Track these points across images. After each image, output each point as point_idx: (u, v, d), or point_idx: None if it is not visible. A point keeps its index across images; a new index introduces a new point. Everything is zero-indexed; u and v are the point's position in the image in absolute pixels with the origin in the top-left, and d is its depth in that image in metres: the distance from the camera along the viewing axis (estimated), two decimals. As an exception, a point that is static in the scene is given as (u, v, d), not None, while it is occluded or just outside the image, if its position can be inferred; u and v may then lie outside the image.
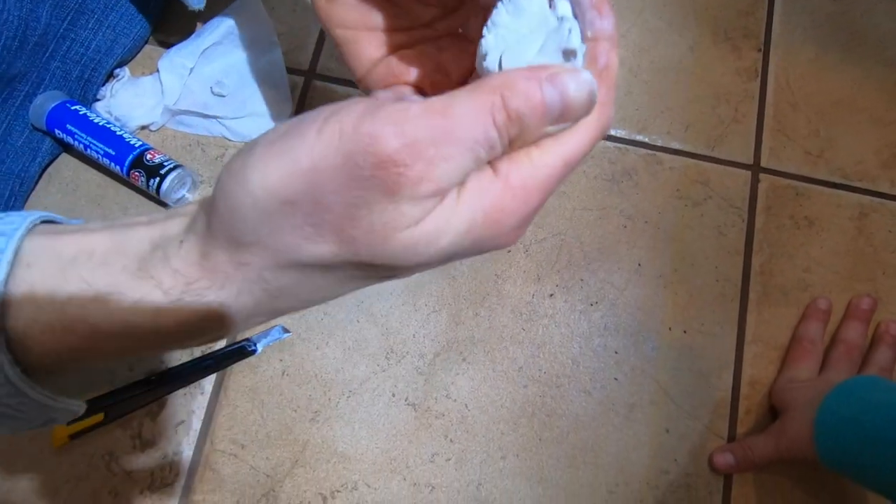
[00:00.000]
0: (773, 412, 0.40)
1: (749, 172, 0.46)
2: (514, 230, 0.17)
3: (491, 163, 0.16)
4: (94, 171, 0.43)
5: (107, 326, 0.17)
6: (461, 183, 0.16)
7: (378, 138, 0.14)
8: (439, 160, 0.14)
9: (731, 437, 0.40)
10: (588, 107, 0.16)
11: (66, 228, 0.18)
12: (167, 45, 0.45)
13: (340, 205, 0.15)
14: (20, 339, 0.17)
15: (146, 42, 0.46)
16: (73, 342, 0.17)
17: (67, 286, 0.17)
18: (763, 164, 0.46)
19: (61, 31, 0.41)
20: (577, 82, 0.16)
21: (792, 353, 0.41)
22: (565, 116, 0.16)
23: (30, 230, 0.17)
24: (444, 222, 0.15)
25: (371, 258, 0.15)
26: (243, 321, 0.18)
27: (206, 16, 0.45)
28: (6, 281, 0.16)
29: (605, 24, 0.17)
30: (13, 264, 0.16)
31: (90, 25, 0.42)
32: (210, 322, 0.17)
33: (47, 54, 0.41)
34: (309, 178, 0.15)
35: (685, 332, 0.42)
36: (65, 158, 0.43)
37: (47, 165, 0.43)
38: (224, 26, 0.44)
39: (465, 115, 0.15)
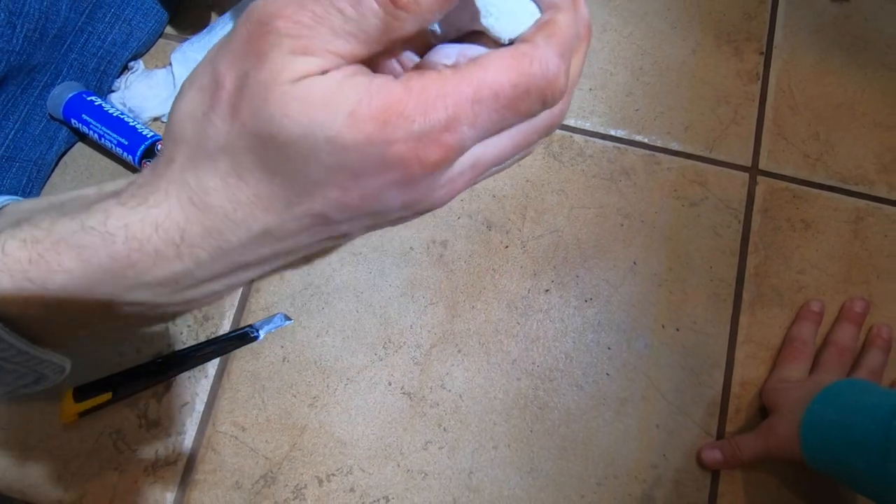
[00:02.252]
0: (763, 411, 0.41)
1: (747, 174, 0.46)
2: (411, 141, 0.15)
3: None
4: (108, 160, 0.44)
5: (66, 251, 0.18)
6: (351, 59, 0.16)
7: (252, 8, 0.15)
8: (303, 14, 0.15)
9: (721, 435, 0.41)
10: None
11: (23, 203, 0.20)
12: (180, 39, 0.47)
13: (231, 79, 0.16)
14: None
15: (160, 35, 0.47)
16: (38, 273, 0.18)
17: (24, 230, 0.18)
18: (761, 166, 0.46)
19: (79, 24, 0.43)
20: None
21: (784, 354, 0.41)
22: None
23: None
24: (324, 97, 0.15)
25: (255, 129, 0.16)
26: (186, 246, 0.18)
27: (219, 10, 0.47)
28: None
29: None
30: None
31: (107, 19, 0.44)
32: (155, 241, 0.18)
33: (65, 46, 0.43)
34: (211, 61, 0.16)
35: (678, 330, 0.43)
36: (80, 147, 0.45)
37: (63, 153, 0.44)
38: (237, 20, 0.45)
39: None
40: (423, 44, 0.19)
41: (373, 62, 0.18)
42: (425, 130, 0.15)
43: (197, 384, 0.40)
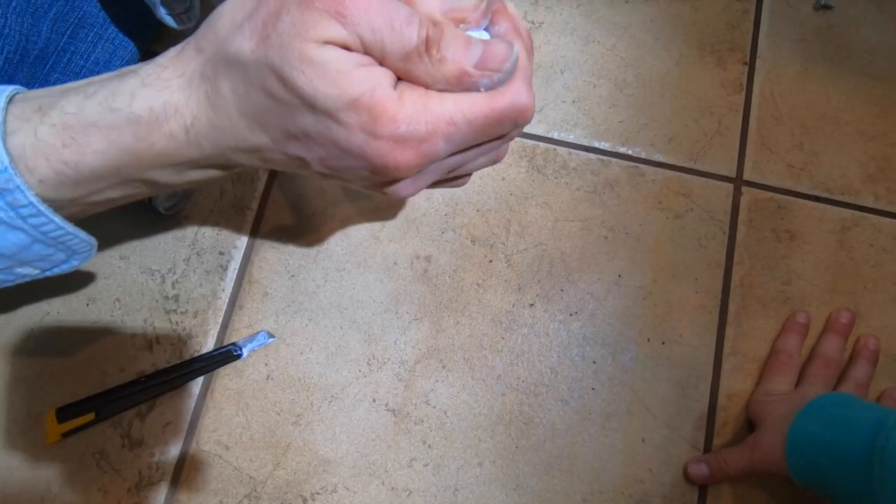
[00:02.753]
0: (749, 425, 0.41)
1: (731, 185, 0.46)
2: (389, 141, 0.19)
3: (399, 81, 0.19)
4: (92, 179, 0.45)
5: (95, 121, 0.20)
6: (368, 54, 0.19)
7: None
8: (355, 5, 0.18)
9: (707, 449, 0.41)
10: (501, 61, 0.19)
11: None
12: (164, 58, 0.47)
13: (271, 5, 0.18)
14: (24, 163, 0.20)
15: (144, 54, 0.47)
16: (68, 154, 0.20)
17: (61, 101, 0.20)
18: (746, 177, 0.46)
19: (61, 44, 0.43)
20: (506, 46, 0.20)
21: (769, 366, 0.41)
22: (483, 62, 0.19)
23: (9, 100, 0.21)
24: (342, 72, 0.18)
25: (277, 61, 0.18)
26: (193, 133, 0.20)
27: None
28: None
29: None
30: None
31: (90, 38, 0.44)
32: (171, 124, 0.20)
33: (48, 66, 0.43)
34: None
35: (664, 343, 0.42)
36: (64, 166, 0.45)
37: (47, 173, 0.44)
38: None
39: (395, 3, 0.18)
40: None
41: None
42: (406, 136, 0.19)
43: (181, 403, 0.40)
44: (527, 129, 0.46)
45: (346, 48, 0.18)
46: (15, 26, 0.38)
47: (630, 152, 0.46)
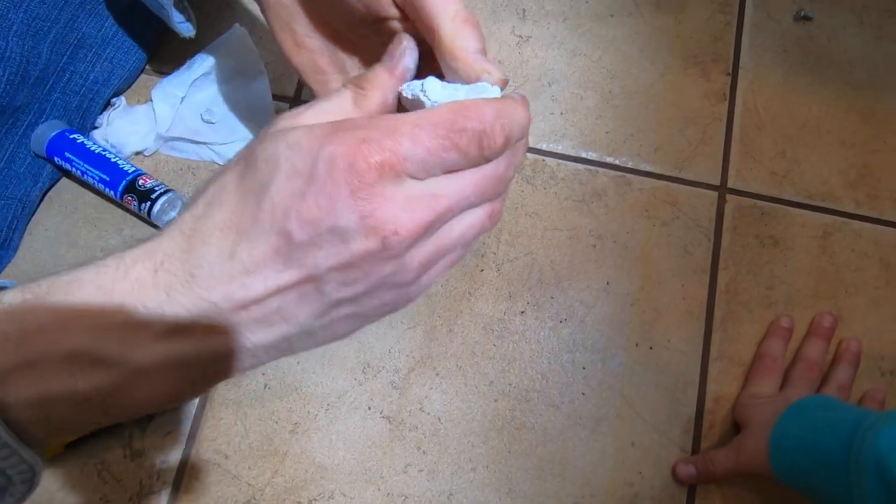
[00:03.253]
0: (736, 427, 0.42)
1: (716, 193, 0.47)
2: (355, 142, 0.18)
3: None
4: (92, 195, 0.46)
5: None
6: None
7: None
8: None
9: (696, 451, 0.42)
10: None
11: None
12: (161, 75, 0.48)
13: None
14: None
15: (141, 72, 0.49)
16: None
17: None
18: (730, 184, 0.47)
19: (61, 64, 0.44)
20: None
21: (754, 370, 0.42)
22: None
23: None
24: (297, 123, 0.20)
25: (248, 154, 0.19)
26: (162, 278, 0.19)
27: (197, 47, 0.48)
28: None
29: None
30: None
31: (88, 58, 0.45)
32: (138, 269, 0.19)
33: (48, 86, 0.44)
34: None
35: (651, 348, 0.44)
36: (65, 182, 0.46)
37: (48, 190, 0.45)
38: (214, 57, 0.46)
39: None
40: None
41: None
42: (369, 135, 0.18)
43: (180, 413, 0.41)
44: (516, 141, 0.48)
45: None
46: (16, 49, 0.39)
47: (617, 162, 0.48)
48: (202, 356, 0.19)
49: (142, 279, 0.18)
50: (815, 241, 0.46)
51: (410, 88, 0.22)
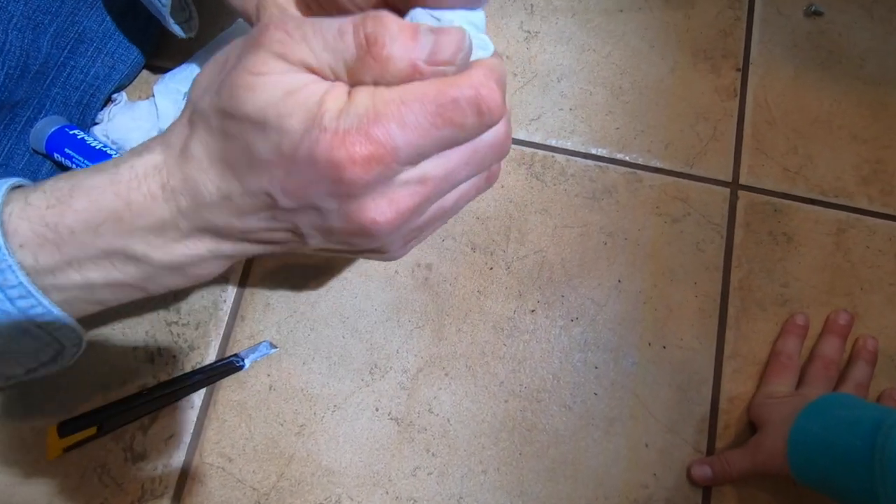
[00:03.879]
0: (751, 427, 0.41)
1: (728, 189, 0.46)
2: (340, 133, 0.18)
3: (352, 88, 0.19)
4: (92, 192, 0.45)
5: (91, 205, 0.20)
6: (319, 73, 0.19)
7: (267, 25, 0.19)
8: (295, 31, 0.18)
9: (710, 452, 0.41)
10: (454, 51, 0.18)
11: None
12: (163, 70, 0.47)
13: (232, 61, 0.19)
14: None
15: (143, 67, 0.48)
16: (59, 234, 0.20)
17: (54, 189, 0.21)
18: (742, 181, 0.47)
19: (61, 59, 0.43)
20: (459, 31, 0.19)
21: (770, 369, 0.41)
22: (433, 53, 0.18)
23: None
24: (284, 87, 0.18)
25: (223, 100, 0.19)
26: (169, 189, 0.20)
27: (200, 42, 0.47)
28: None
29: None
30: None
31: (89, 53, 0.44)
32: (150, 182, 0.20)
33: (48, 81, 0.43)
34: (234, 45, 0.20)
35: (664, 347, 0.43)
36: (64, 180, 0.45)
37: (47, 187, 0.44)
38: (216, 51, 0.45)
39: (330, 20, 0.18)
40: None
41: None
42: (354, 126, 0.17)
43: (183, 415, 0.40)
44: (525, 137, 0.47)
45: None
46: (16, 42, 0.39)
47: (627, 158, 0.47)
48: (218, 253, 0.22)
49: (153, 194, 0.20)
50: (829, 238, 0.45)
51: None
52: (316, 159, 0.18)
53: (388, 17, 0.18)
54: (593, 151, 0.47)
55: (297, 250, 0.23)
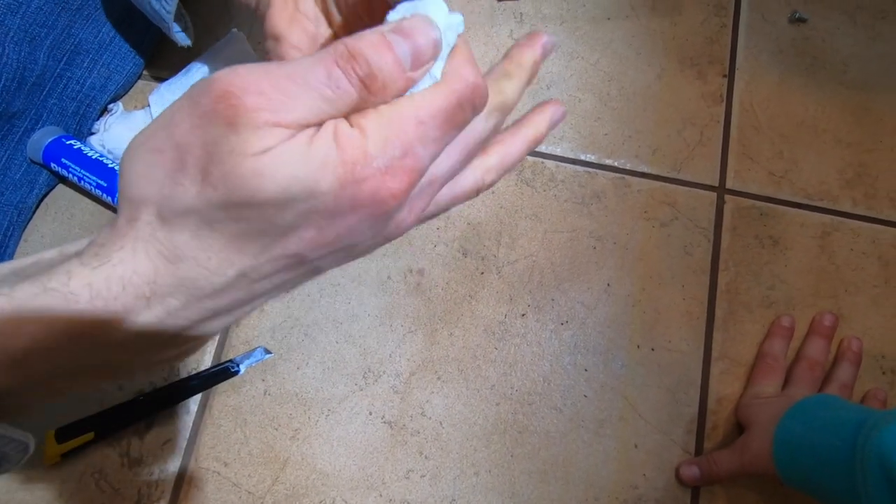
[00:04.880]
0: (739, 428, 0.42)
1: (715, 194, 0.47)
2: (378, 175, 0.17)
3: (350, 117, 0.17)
4: (89, 201, 0.45)
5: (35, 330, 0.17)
6: (316, 125, 0.17)
7: (215, 79, 0.16)
8: (276, 93, 0.16)
9: (698, 452, 0.41)
10: (432, 46, 0.18)
11: None
12: (159, 80, 0.48)
13: (197, 146, 0.16)
14: None
15: (139, 77, 0.48)
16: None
17: None
18: (728, 185, 0.47)
19: (58, 70, 0.44)
20: (421, 21, 0.18)
21: (756, 370, 0.42)
22: (416, 58, 0.18)
23: None
24: (297, 155, 0.16)
25: (228, 193, 0.16)
26: (156, 298, 0.18)
27: (195, 52, 0.48)
28: None
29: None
30: None
31: (85, 64, 0.45)
32: (123, 299, 0.18)
33: (45, 92, 0.44)
34: (168, 125, 0.17)
35: (653, 349, 0.43)
36: (61, 189, 0.46)
37: (44, 196, 0.45)
38: (212, 61, 0.46)
39: (307, 61, 0.17)
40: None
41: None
42: (387, 163, 0.17)
43: (179, 420, 0.41)
44: (515, 144, 0.48)
45: (294, 136, 0.17)
46: (13, 55, 0.39)
47: (616, 164, 0.48)
48: (210, 331, 0.20)
49: (130, 307, 0.18)
50: (814, 241, 0.46)
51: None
52: (357, 207, 0.17)
53: (366, 45, 0.17)
54: (582, 157, 0.48)
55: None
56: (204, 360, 0.42)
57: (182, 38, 0.41)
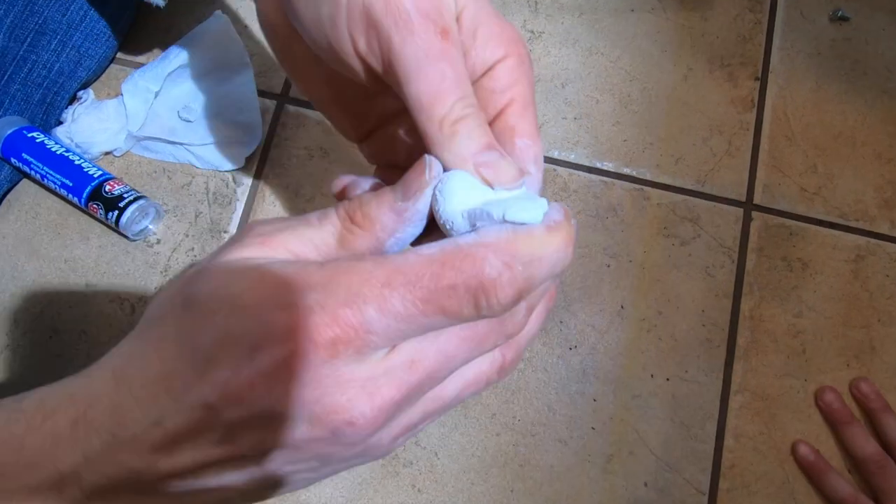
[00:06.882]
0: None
1: (741, 210, 0.43)
2: (304, 310, 0.14)
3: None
4: (55, 198, 0.41)
5: None
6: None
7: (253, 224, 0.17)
8: (276, 223, 0.17)
9: (713, 493, 0.38)
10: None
11: None
12: (133, 66, 0.43)
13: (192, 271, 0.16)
14: None
15: (112, 61, 0.44)
16: None
17: None
18: (756, 201, 0.44)
19: (21, 53, 0.40)
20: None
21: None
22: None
23: None
24: (249, 266, 0.16)
25: (180, 289, 0.16)
26: (83, 432, 0.15)
27: (174, 35, 0.43)
28: None
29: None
30: None
31: (52, 47, 0.41)
32: (57, 418, 0.16)
33: (6, 78, 0.39)
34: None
35: (668, 379, 0.40)
36: (25, 184, 0.42)
37: (6, 193, 0.41)
38: (192, 47, 0.42)
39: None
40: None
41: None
42: (321, 301, 0.14)
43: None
44: (525, 148, 0.44)
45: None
46: (-36, 35, 0.35)
47: (634, 174, 0.44)
48: None
49: (57, 434, 0.15)
50: (846, 265, 0.42)
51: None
52: (274, 340, 0.14)
53: (377, 218, 0.17)
54: (598, 165, 0.44)
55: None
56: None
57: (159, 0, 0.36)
